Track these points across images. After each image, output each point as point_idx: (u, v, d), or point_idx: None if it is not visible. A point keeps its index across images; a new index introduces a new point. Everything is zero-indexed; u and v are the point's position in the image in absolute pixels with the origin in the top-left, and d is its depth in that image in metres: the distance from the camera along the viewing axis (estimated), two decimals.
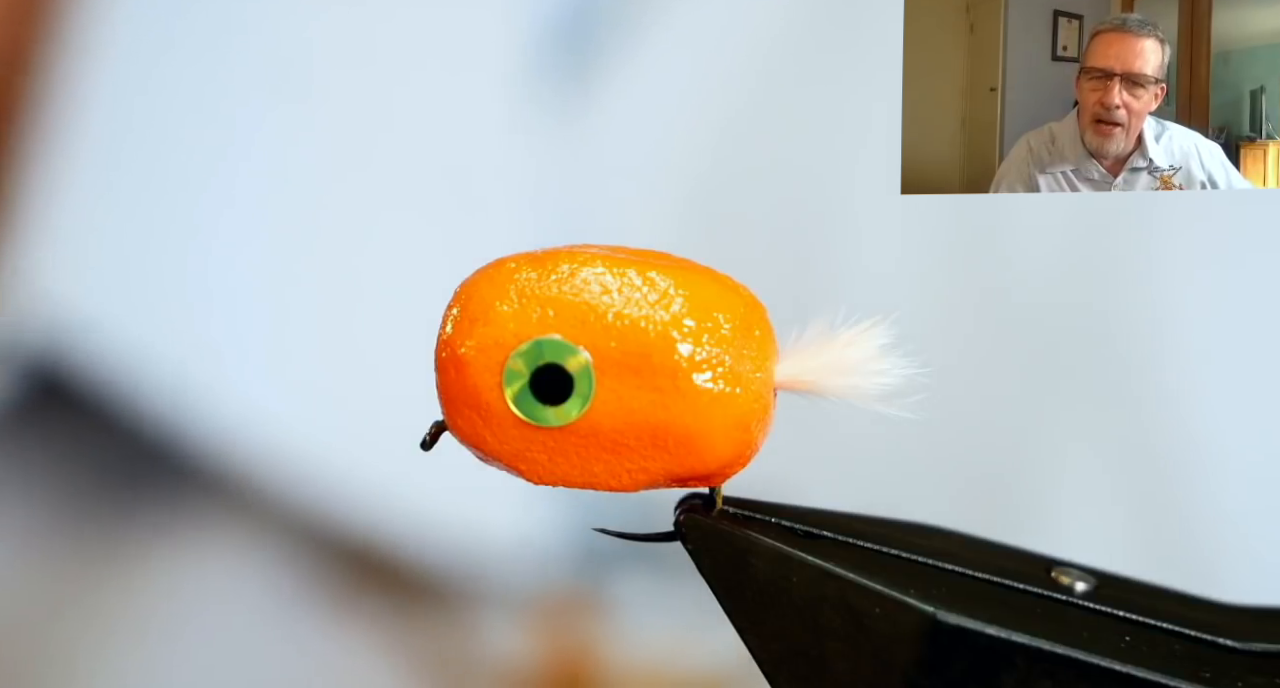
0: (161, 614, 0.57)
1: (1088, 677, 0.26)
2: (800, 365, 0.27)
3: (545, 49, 0.58)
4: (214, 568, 0.57)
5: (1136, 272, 0.58)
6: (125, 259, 0.55)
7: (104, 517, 0.58)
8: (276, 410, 0.55)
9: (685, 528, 0.28)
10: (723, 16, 0.60)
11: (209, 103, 0.57)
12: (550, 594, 0.56)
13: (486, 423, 0.27)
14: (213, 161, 0.56)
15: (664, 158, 0.59)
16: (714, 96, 0.59)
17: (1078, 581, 0.28)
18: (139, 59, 0.56)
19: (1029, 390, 0.58)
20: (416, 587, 0.57)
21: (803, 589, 0.27)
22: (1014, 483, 0.57)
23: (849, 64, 0.58)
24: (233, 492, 0.56)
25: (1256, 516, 0.57)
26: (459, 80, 0.58)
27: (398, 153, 0.57)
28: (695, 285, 0.27)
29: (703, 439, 0.27)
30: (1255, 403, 0.57)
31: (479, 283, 0.27)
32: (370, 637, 0.57)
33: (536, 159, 0.58)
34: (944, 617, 0.26)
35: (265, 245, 0.56)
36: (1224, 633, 0.28)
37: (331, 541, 0.56)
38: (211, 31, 0.57)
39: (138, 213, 0.56)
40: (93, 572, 0.58)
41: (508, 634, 0.56)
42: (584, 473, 0.27)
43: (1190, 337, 0.57)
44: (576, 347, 0.27)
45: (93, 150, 0.55)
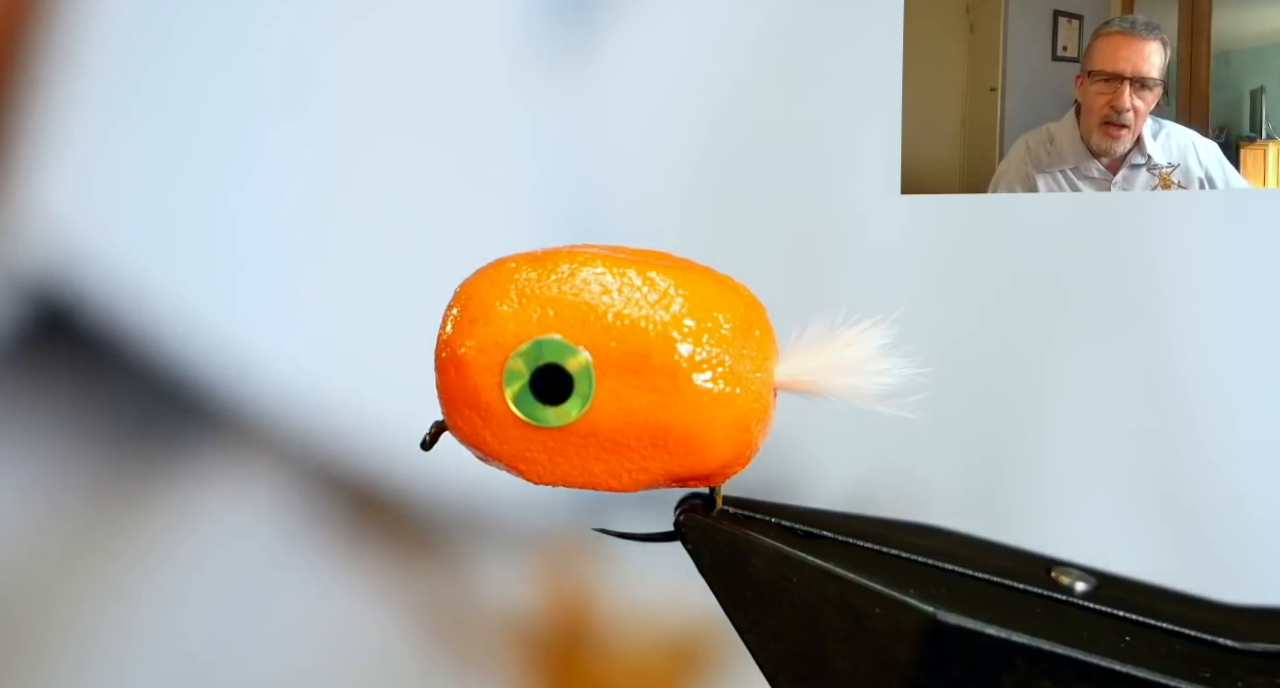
0: (170, 554, 0.58)
1: (1088, 677, 0.26)
2: (800, 365, 0.27)
3: (543, 39, 0.58)
4: (222, 510, 0.57)
5: (1136, 271, 0.58)
6: (141, 194, 0.55)
7: (112, 455, 0.58)
8: (289, 352, 0.55)
9: (685, 528, 0.28)
10: (722, 16, 0.60)
11: (226, 30, 0.57)
12: (551, 539, 0.56)
13: (486, 423, 0.27)
14: (230, 93, 0.56)
15: (663, 159, 0.59)
16: (713, 97, 0.59)
17: (1078, 581, 0.28)
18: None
19: (1029, 389, 0.58)
20: (420, 531, 0.57)
21: (803, 589, 0.27)
22: (1014, 482, 0.57)
23: (849, 64, 0.58)
24: (242, 432, 0.56)
25: (1257, 515, 0.57)
26: (461, 55, 0.58)
27: (405, 112, 0.58)
28: (695, 285, 0.27)
29: (703, 439, 0.27)
30: (1256, 402, 0.57)
31: (479, 283, 0.27)
32: (374, 579, 0.57)
33: (535, 149, 0.58)
34: (944, 617, 0.26)
35: (282, 183, 0.56)
36: (1224, 633, 0.28)
37: (339, 483, 0.57)
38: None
39: (153, 144, 0.56)
40: (100, 510, 0.58)
41: (508, 578, 0.57)
42: (584, 473, 0.27)
43: (1190, 336, 0.57)
44: (576, 347, 0.27)
45: (106, 78, 0.55)
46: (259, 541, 0.57)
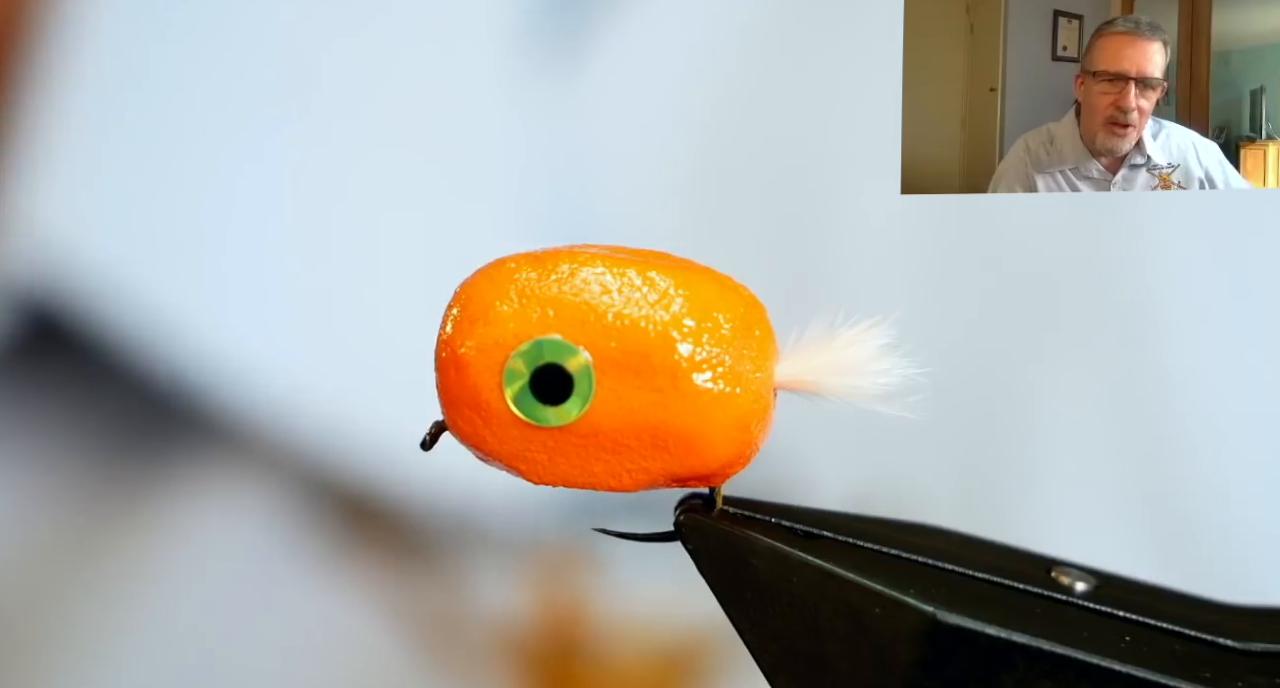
0: (164, 564, 0.57)
1: (1088, 677, 0.26)
2: (800, 365, 0.27)
3: (539, 42, 0.58)
4: (214, 517, 0.57)
5: (1136, 271, 0.58)
6: (131, 202, 0.55)
7: (105, 464, 0.58)
8: (282, 359, 0.55)
9: (685, 528, 0.28)
10: (721, 16, 0.60)
11: (223, 48, 0.56)
12: (545, 549, 0.56)
13: (486, 423, 0.27)
14: (222, 102, 0.56)
15: (662, 158, 0.59)
16: (712, 97, 0.59)
17: (1078, 581, 0.28)
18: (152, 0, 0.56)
19: (1029, 389, 0.58)
20: (414, 540, 0.57)
21: (803, 590, 0.27)
22: (1014, 482, 0.57)
23: (849, 64, 0.58)
24: (235, 441, 0.56)
25: (1257, 515, 0.57)
26: (455, 57, 0.58)
27: (399, 117, 0.58)
28: (695, 285, 0.27)
29: (703, 439, 0.27)
30: (1255, 402, 0.57)
31: (479, 283, 0.27)
32: (368, 588, 0.57)
33: (531, 151, 0.58)
34: (944, 617, 0.26)
35: (275, 190, 0.56)
36: (1224, 633, 0.28)
37: (333, 492, 0.57)
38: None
39: (145, 152, 0.56)
40: (94, 519, 0.58)
41: (503, 588, 0.57)
42: (584, 473, 0.27)
43: (1190, 337, 0.57)
44: (576, 347, 0.27)
45: (97, 87, 0.55)
46: (252, 549, 0.57)
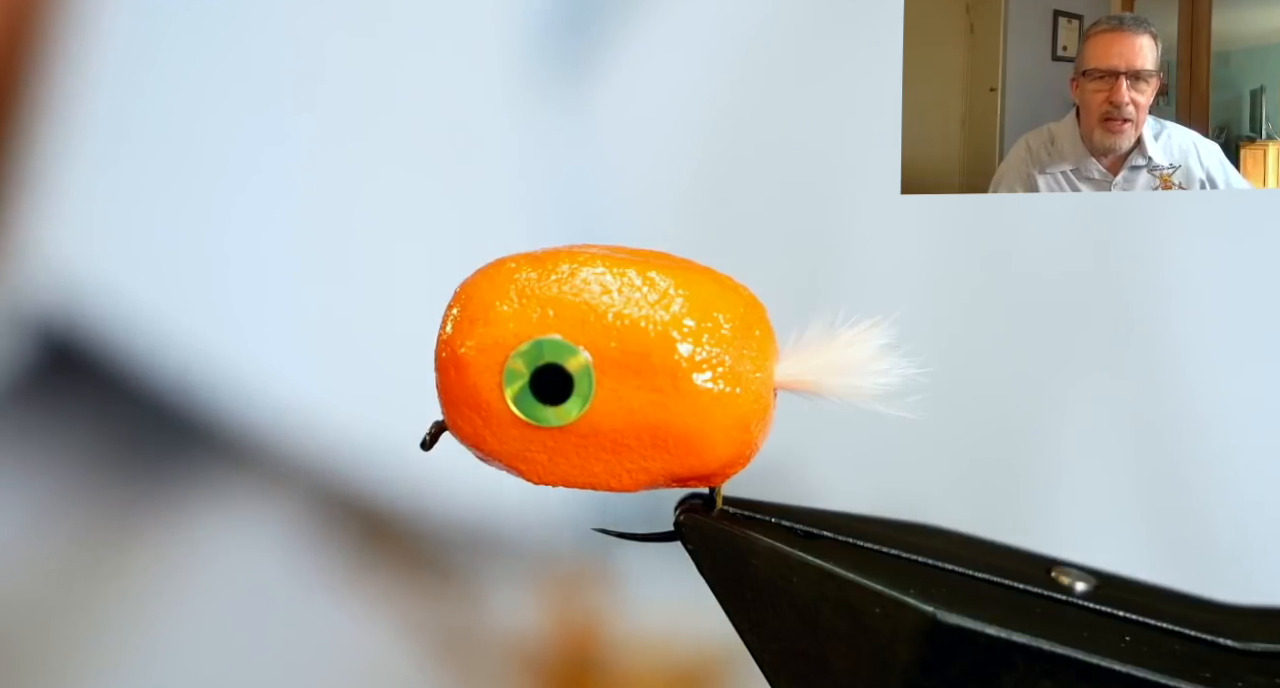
0: (178, 582, 0.57)
1: (1088, 677, 0.26)
2: (800, 365, 0.27)
3: (544, 44, 0.58)
4: (228, 537, 0.57)
5: (1136, 272, 0.58)
6: (140, 225, 0.55)
7: (119, 486, 0.58)
8: (293, 377, 0.55)
9: (685, 528, 0.28)
10: (721, 16, 0.60)
11: (226, 65, 0.56)
12: (558, 562, 0.56)
13: (486, 423, 0.27)
14: (231, 126, 0.56)
15: (662, 158, 0.59)
16: (713, 97, 0.59)
17: (1078, 581, 0.28)
18: (153, 22, 0.56)
19: (1029, 390, 0.58)
20: (427, 553, 0.57)
21: (803, 590, 0.27)
22: (1014, 482, 0.57)
23: (849, 64, 0.58)
24: (248, 460, 0.56)
25: (1259, 515, 0.57)
26: (461, 63, 0.58)
27: (405, 126, 0.57)
28: (695, 285, 0.27)
29: (703, 439, 0.27)
30: (1257, 403, 0.57)
31: (479, 283, 0.27)
32: (380, 603, 0.57)
33: (535, 153, 0.58)
34: (944, 617, 0.26)
35: (283, 207, 0.56)
36: (1224, 633, 0.28)
37: (345, 509, 0.57)
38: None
39: (154, 174, 0.56)
40: (108, 541, 0.58)
41: (516, 603, 0.57)
42: (584, 473, 0.27)
43: (1191, 337, 0.57)
44: (576, 347, 0.27)
45: (105, 110, 0.55)
46: (267, 565, 0.57)
